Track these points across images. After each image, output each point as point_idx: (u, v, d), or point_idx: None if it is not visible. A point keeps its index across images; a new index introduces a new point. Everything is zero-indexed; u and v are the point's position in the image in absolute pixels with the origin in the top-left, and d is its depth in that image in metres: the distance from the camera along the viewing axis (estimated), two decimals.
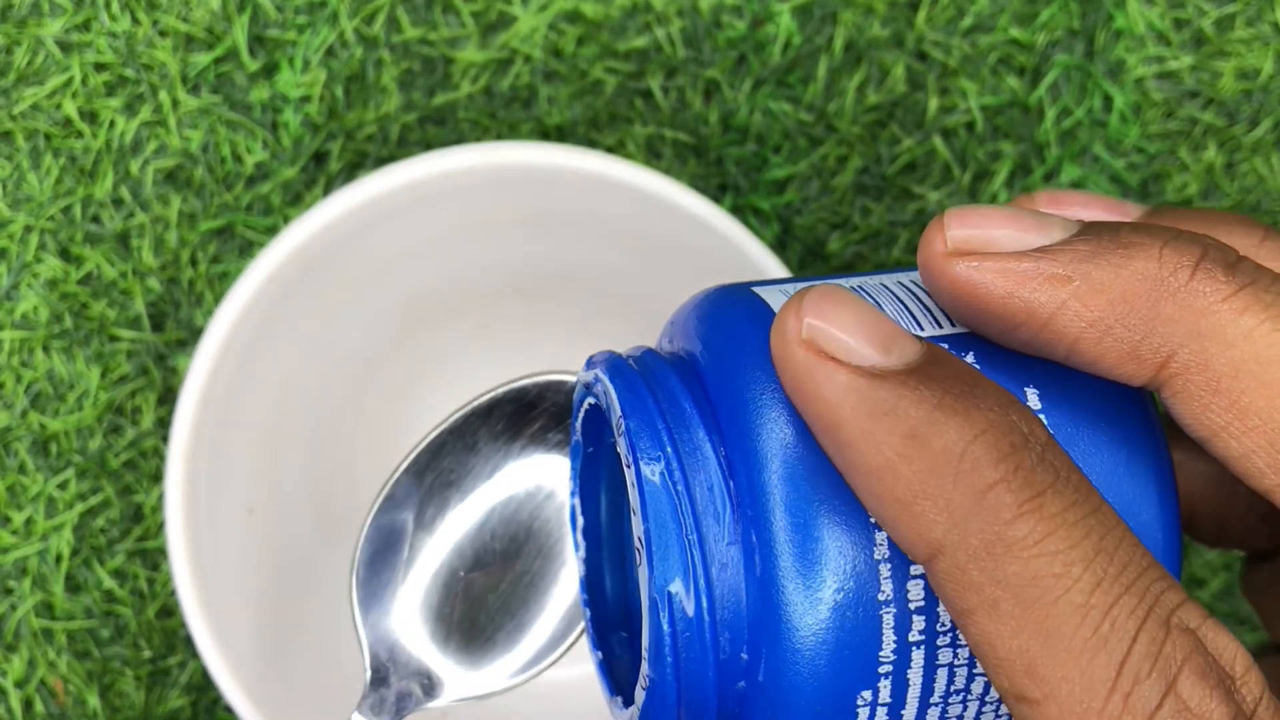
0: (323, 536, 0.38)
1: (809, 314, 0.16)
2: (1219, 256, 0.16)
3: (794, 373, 0.16)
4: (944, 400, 0.15)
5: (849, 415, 0.15)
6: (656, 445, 0.18)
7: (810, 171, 0.40)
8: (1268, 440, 0.16)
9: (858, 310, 0.16)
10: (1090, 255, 0.16)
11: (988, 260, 0.16)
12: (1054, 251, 0.16)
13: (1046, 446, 0.15)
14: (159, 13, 0.40)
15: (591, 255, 0.37)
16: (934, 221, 0.17)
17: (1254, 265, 0.16)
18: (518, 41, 0.39)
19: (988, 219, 0.17)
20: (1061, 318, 0.16)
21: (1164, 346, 0.16)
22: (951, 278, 0.17)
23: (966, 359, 0.17)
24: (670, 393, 0.18)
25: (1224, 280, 0.16)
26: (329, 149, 0.40)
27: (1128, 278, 0.16)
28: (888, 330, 0.16)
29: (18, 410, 0.39)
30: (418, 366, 0.40)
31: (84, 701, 0.39)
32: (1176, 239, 0.16)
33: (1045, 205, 0.19)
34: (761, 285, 0.19)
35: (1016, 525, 0.15)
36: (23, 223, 0.39)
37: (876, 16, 0.40)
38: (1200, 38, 0.40)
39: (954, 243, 0.17)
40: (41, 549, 0.39)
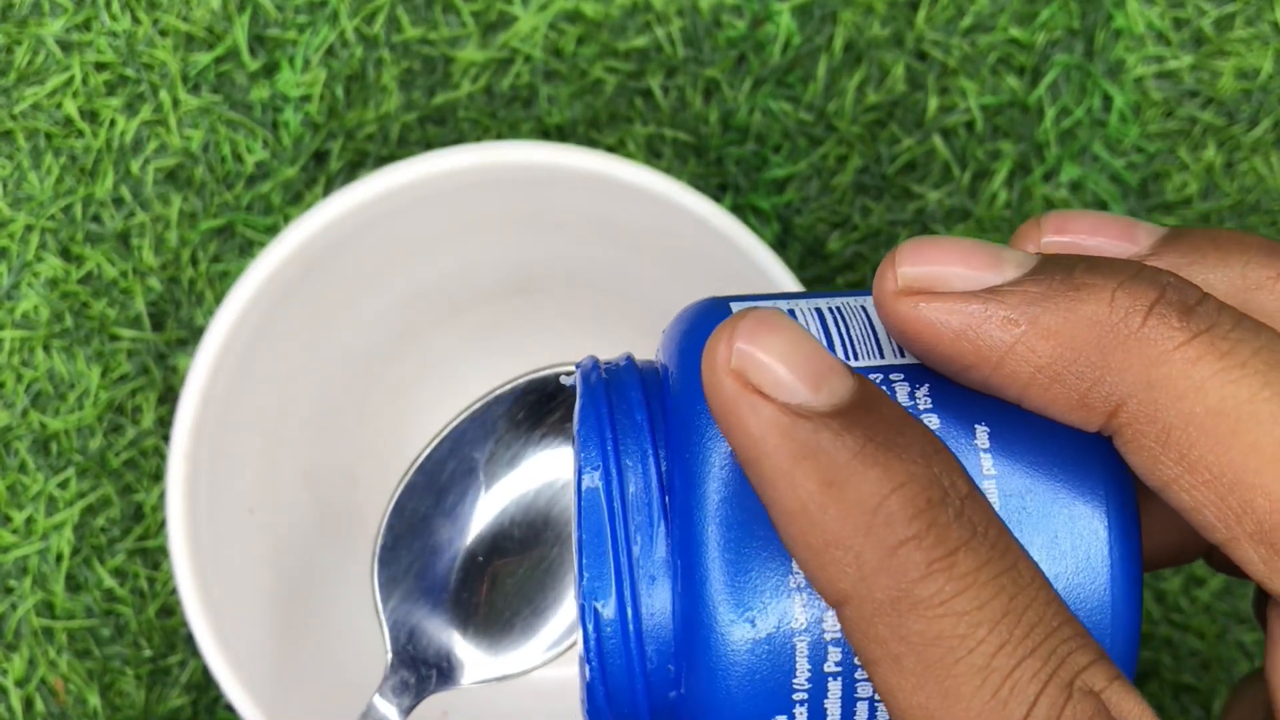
0: (324, 536, 0.38)
1: (741, 340, 0.15)
2: (1176, 299, 0.15)
3: (720, 402, 0.15)
4: (865, 448, 0.15)
5: (770, 453, 0.15)
6: (600, 455, 0.18)
7: (810, 171, 0.40)
8: (1218, 495, 0.15)
9: (793, 340, 0.15)
10: (1040, 297, 0.15)
11: (936, 300, 0.16)
12: (1004, 293, 0.16)
13: (967, 500, 0.15)
14: (159, 12, 0.40)
15: (592, 255, 0.37)
16: (887, 256, 0.16)
17: (1216, 306, 0.15)
18: (518, 41, 0.40)
19: (939, 255, 0.16)
20: (1010, 362, 0.16)
21: (1113, 395, 0.15)
22: (901, 317, 0.16)
23: (921, 391, 0.17)
24: (628, 403, 0.18)
25: (1178, 326, 0.15)
26: (329, 148, 0.40)
27: (1077, 322, 0.15)
28: (821, 365, 0.15)
29: (18, 409, 0.39)
30: (418, 366, 0.40)
31: (84, 700, 0.39)
32: (1134, 279, 0.15)
33: (1052, 229, 0.18)
34: (745, 300, 0.19)
35: (924, 584, 0.14)
36: (23, 222, 0.40)
37: (876, 16, 0.40)
38: (1200, 37, 0.40)
39: (904, 280, 0.16)
40: (42, 548, 0.39)
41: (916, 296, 0.16)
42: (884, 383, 0.17)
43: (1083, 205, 0.40)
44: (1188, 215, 0.40)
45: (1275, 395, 0.15)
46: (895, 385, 0.17)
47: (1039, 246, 0.18)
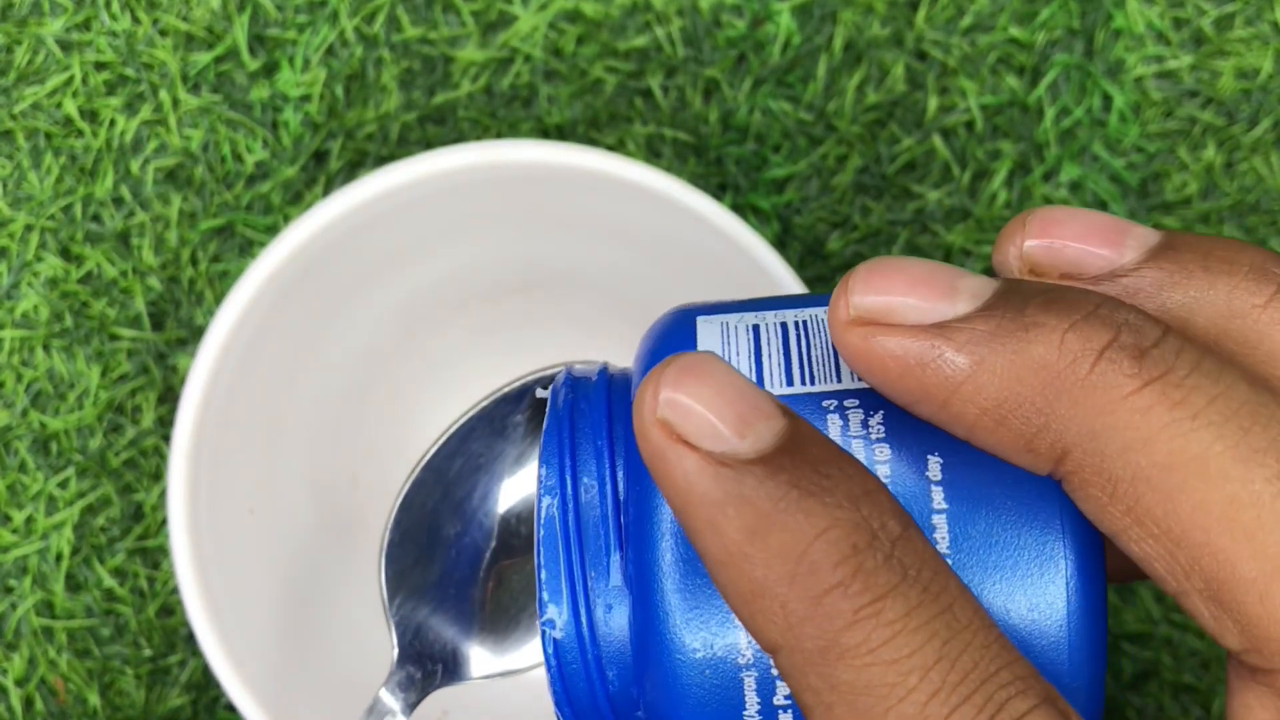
0: (324, 535, 0.38)
1: (666, 389, 0.15)
2: (1131, 342, 0.14)
3: (648, 453, 0.15)
4: (789, 495, 0.14)
5: (696, 504, 0.15)
6: (558, 481, 0.18)
7: (810, 171, 0.40)
8: (1166, 550, 0.15)
9: (719, 387, 0.15)
10: (988, 337, 0.15)
11: (885, 334, 0.15)
12: (953, 330, 0.15)
13: (899, 542, 0.14)
14: (159, 12, 0.40)
15: (592, 254, 0.37)
16: (842, 281, 0.16)
17: (1174, 349, 0.15)
18: (518, 41, 0.40)
19: (892, 283, 0.15)
20: (955, 402, 0.15)
21: (1059, 443, 0.15)
22: (851, 348, 0.16)
23: (874, 419, 0.17)
24: (593, 424, 0.18)
25: (1129, 373, 0.14)
26: (329, 148, 0.40)
27: (1024, 366, 0.15)
28: (749, 409, 0.15)
29: (18, 409, 0.39)
30: (419, 365, 0.40)
31: (84, 700, 0.39)
32: (1087, 320, 0.15)
33: (1037, 230, 0.17)
34: (713, 313, 0.19)
35: (851, 632, 0.14)
36: (23, 222, 0.40)
37: (876, 16, 0.40)
38: (1200, 37, 0.40)
39: (855, 310, 0.15)
40: (42, 548, 0.39)
41: (867, 327, 0.15)
42: (837, 409, 0.17)
43: (1083, 206, 0.40)
44: (1188, 215, 0.40)
45: (1227, 449, 0.14)
46: (849, 412, 0.17)
47: (1019, 250, 0.17)
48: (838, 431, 0.17)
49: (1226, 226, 0.40)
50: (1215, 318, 0.16)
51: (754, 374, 0.17)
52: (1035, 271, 0.17)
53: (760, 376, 0.17)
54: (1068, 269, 0.17)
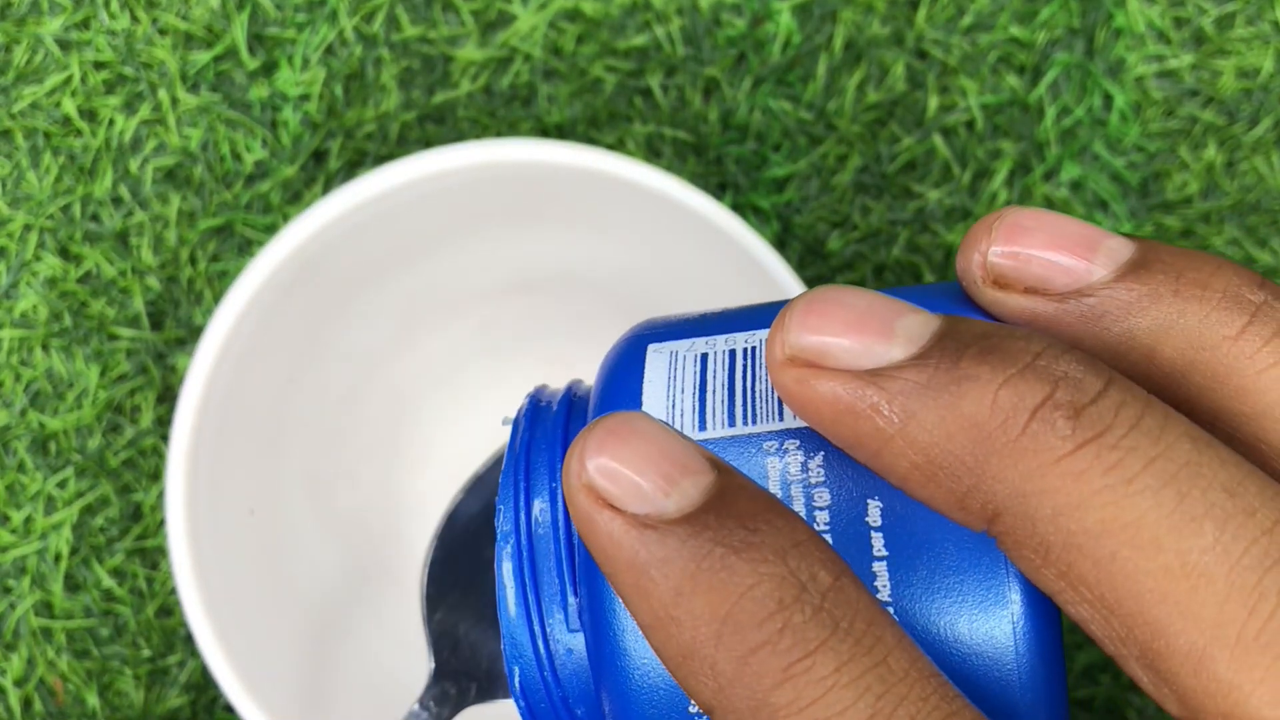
0: (324, 535, 0.38)
1: (592, 454, 0.15)
2: (1067, 399, 0.14)
3: (576, 518, 0.15)
4: (713, 553, 0.14)
5: (623, 569, 0.15)
6: (514, 524, 0.18)
7: (810, 170, 0.40)
8: (1102, 616, 0.14)
9: (644, 445, 0.15)
10: (920, 389, 0.14)
11: (819, 377, 0.15)
12: (885, 379, 0.14)
13: (829, 594, 0.14)
14: (158, 11, 0.40)
15: (592, 253, 0.37)
16: (780, 315, 0.15)
17: (1114, 404, 0.14)
18: (517, 40, 0.39)
19: (827, 321, 0.15)
20: (887, 454, 0.15)
21: (990, 504, 0.14)
22: (784, 390, 0.15)
23: (815, 461, 0.16)
24: (549, 463, 0.18)
25: (1063, 434, 0.14)
26: (328, 147, 0.40)
27: (954, 423, 0.14)
28: (674, 467, 0.15)
29: (17, 409, 0.39)
30: (418, 365, 0.40)
31: (83, 700, 0.39)
32: (1023, 374, 0.14)
33: (1004, 237, 0.16)
34: (665, 338, 0.18)
35: (781, 691, 0.14)
36: (22, 221, 0.39)
37: (876, 15, 0.40)
38: (1200, 36, 0.40)
39: (790, 349, 0.15)
40: (41, 548, 0.39)
41: (802, 369, 0.15)
42: (778, 451, 0.16)
43: (1084, 205, 0.40)
44: (1189, 214, 0.40)
45: (1162, 517, 0.13)
46: (789, 454, 0.16)
47: (984, 259, 0.16)
48: (777, 475, 0.16)
49: (1227, 226, 0.40)
50: (1184, 347, 0.15)
51: (697, 414, 0.17)
52: (999, 283, 0.16)
53: (703, 416, 0.17)
54: (1033, 283, 0.16)
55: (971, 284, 0.16)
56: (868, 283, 0.40)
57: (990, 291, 0.16)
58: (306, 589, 0.37)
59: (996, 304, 0.16)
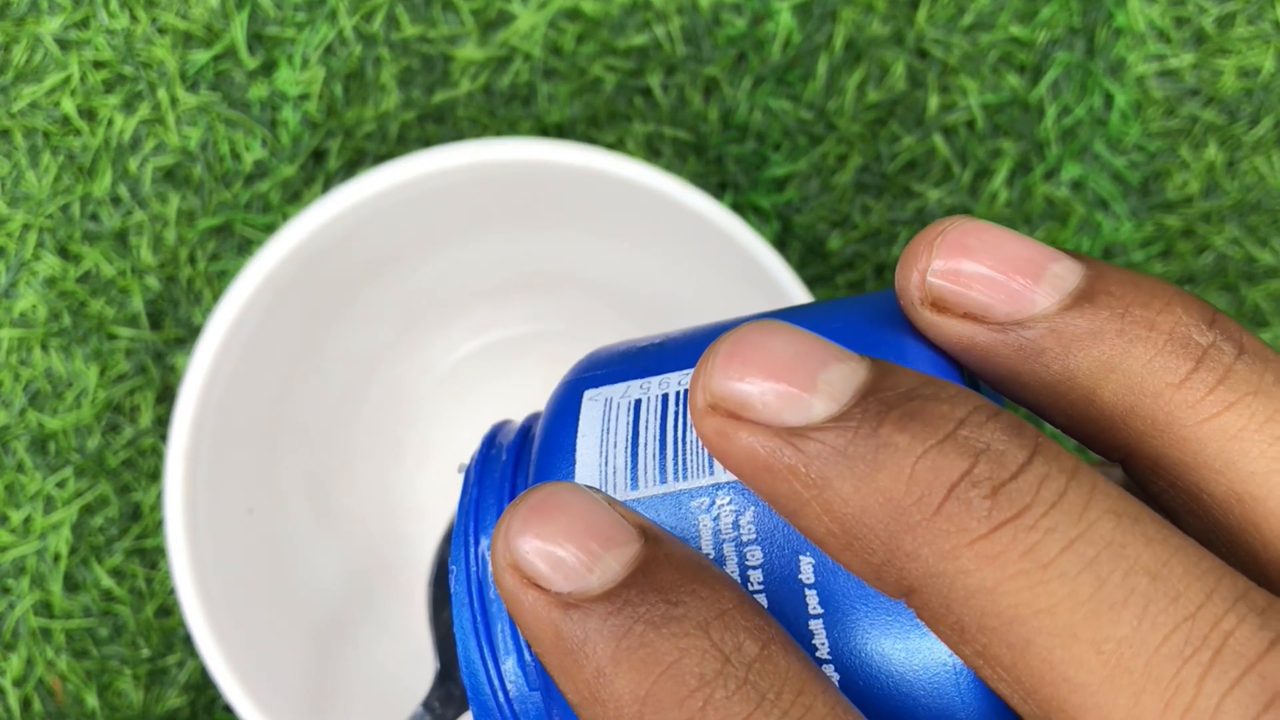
0: (323, 536, 0.38)
1: (516, 532, 0.15)
2: (986, 475, 0.13)
3: (503, 596, 0.15)
4: (632, 631, 0.14)
5: (549, 649, 0.14)
6: (465, 587, 0.17)
7: (810, 169, 0.40)
8: (1019, 697, 0.14)
9: (568, 521, 0.14)
10: (837, 455, 0.14)
11: (739, 430, 0.14)
12: (804, 440, 0.14)
13: (754, 664, 0.14)
14: (157, 10, 0.40)
15: (591, 252, 0.37)
16: (704, 356, 0.15)
17: (1036, 479, 0.13)
18: (517, 39, 0.39)
19: (750, 368, 0.14)
20: (803, 517, 0.14)
21: (904, 579, 0.14)
22: (706, 440, 0.14)
23: (746, 517, 0.16)
24: (497, 499, 0.18)
25: (980, 515, 0.13)
26: (328, 147, 0.40)
27: (869, 495, 0.13)
28: (597, 541, 0.14)
29: (16, 409, 0.39)
30: (417, 364, 0.40)
31: (82, 700, 0.39)
32: (944, 443, 0.13)
33: (946, 252, 0.15)
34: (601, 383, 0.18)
35: None
36: (21, 221, 0.39)
37: (877, 14, 0.40)
38: (1201, 36, 0.40)
39: (710, 396, 0.14)
40: (40, 548, 0.39)
41: (722, 418, 0.14)
42: (709, 508, 0.16)
43: (1085, 204, 0.40)
44: (1189, 214, 0.40)
45: (1078, 605, 0.13)
46: (720, 510, 0.16)
47: (923, 278, 0.15)
48: (709, 534, 0.16)
49: (1228, 225, 0.40)
50: (1124, 391, 0.15)
51: (629, 471, 0.16)
52: (936, 305, 0.15)
53: (635, 474, 0.16)
54: (972, 309, 0.15)
55: (909, 304, 0.16)
56: (868, 283, 0.40)
57: (927, 314, 0.16)
58: (306, 588, 0.37)
59: (932, 328, 0.16)
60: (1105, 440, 0.15)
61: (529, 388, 0.40)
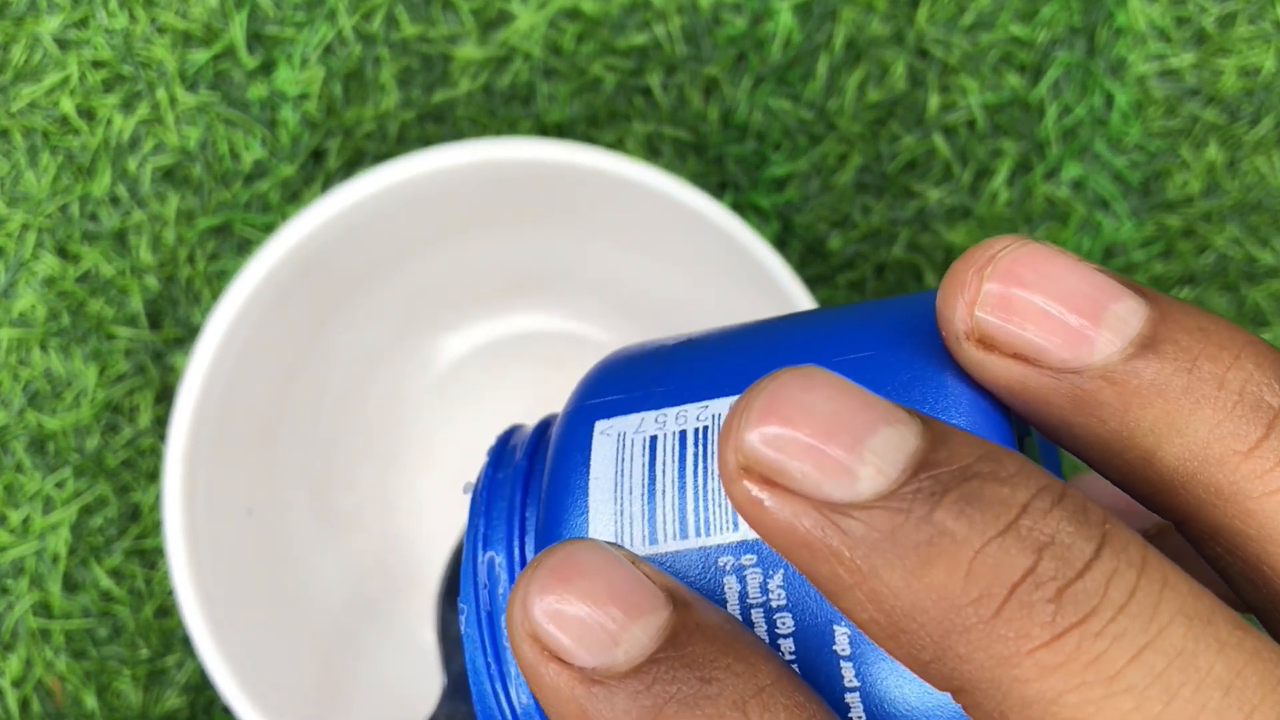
0: (322, 536, 0.38)
1: (535, 599, 0.14)
2: (1051, 574, 0.12)
3: (522, 667, 0.14)
4: (664, 711, 0.13)
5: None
6: (476, 627, 0.17)
7: (810, 169, 0.40)
8: None
9: (591, 586, 0.14)
10: (885, 542, 0.12)
11: (774, 498, 0.13)
12: (847, 519, 0.13)
13: None
14: (157, 10, 0.39)
15: (591, 252, 0.37)
16: (738, 404, 0.13)
17: (1105, 576, 0.12)
18: (517, 39, 0.39)
19: (789, 430, 0.13)
20: (844, 600, 0.13)
21: (954, 678, 0.13)
22: (738, 503, 0.13)
23: (774, 581, 0.15)
24: (507, 534, 0.17)
25: (1045, 620, 0.12)
26: (327, 146, 0.39)
27: (920, 591, 0.12)
28: (624, 609, 0.14)
29: (15, 408, 0.39)
30: (416, 364, 0.40)
31: (81, 701, 0.39)
32: (1006, 535, 0.12)
33: (999, 281, 0.14)
34: (613, 414, 0.17)
35: None
36: (20, 220, 0.39)
37: (877, 14, 0.39)
38: (1202, 35, 0.40)
39: (744, 456, 0.13)
40: (39, 548, 0.39)
41: (757, 483, 0.13)
42: (734, 569, 0.15)
43: (1085, 204, 0.40)
44: (1190, 213, 0.40)
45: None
46: (746, 572, 0.15)
47: (969, 312, 0.14)
48: (735, 598, 0.15)
49: (1229, 225, 0.40)
50: (1186, 456, 0.14)
51: (647, 522, 0.15)
52: (984, 343, 0.14)
53: (653, 527, 0.15)
54: (1023, 351, 0.14)
55: (952, 337, 0.15)
56: (868, 283, 0.40)
57: (972, 351, 0.14)
58: (305, 589, 0.37)
59: (977, 366, 0.14)
60: (1161, 502, 0.14)
61: (529, 388, 0.40)
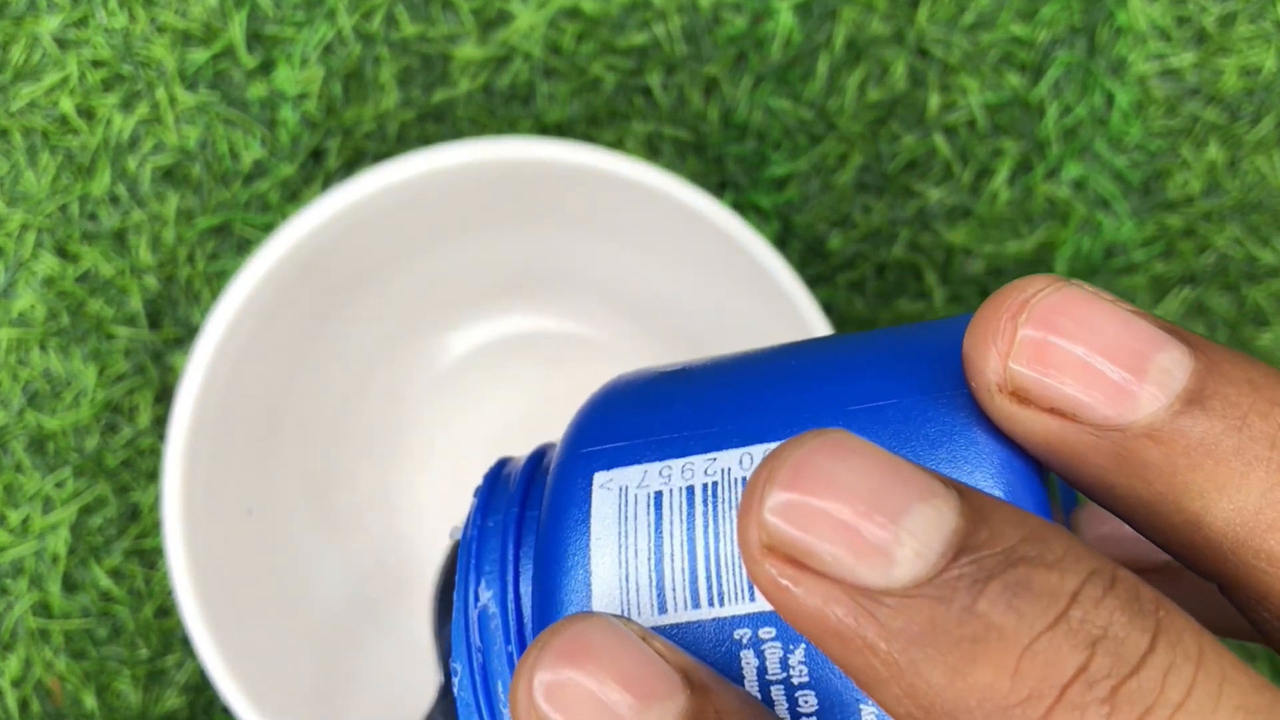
0: (321, 536, 0.38)
1: (544, 679, 0.13)
2: (1105, 671, 0.11)
3: None
4: None
5: None
6: (467, 658, 0.16)
7: (810, 169, 0.40)
8: None
9: (601, 670, 0.13)
10: (925, 635, 0.11)
11: (800, 583, 0.12)
12: (883, 609, 0.12)
13: None
14: (156, 9, 0.39)
15: (591, 252, 0.37)
16: (758, 473, 0.12)
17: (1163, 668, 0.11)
18: (517, 38, 0.39)
19: (819, 501, 0.12)
20: (882, 693, 0.12)
21: None
22: (758, 583, 0.12)
23: (795, 656, 0.14)
24: (501, 590, 0.16)
25: (1099, 715, 0.11)
26: (327, 146, 0.39)
27: (964, 691, 0.11)
28: (640, 694, 0.13)
29: (14, 408, 0.39)
30: (416, 364, 0.40)
31: (81, 701, 0.39)
32: (1056, 628, 0.11)
33: (1035, 328, 0.13)
34: (612, 466, 0.16)
35: None
36: (20, 220, 0.39)
37: (877, 13, 0.39)
38: (1202, 35, 0.40)
39: (768, 535, 0.12)
40: (38, 548, 0.39)
41: (781, 563, 0.12)
42: (752, 641, 0.14)
43: (1086, 204, 0.40)
44: (1190, 213, 0.40)
45: None
46: (765, 646, 0.14)
47: (1003, 365, 0.13)
48: (753, 673, 0.14)
49: (1229, 225, 0.40)
50: (1238, 521, 0.13)
51: (655, 590, 0.15)
52: (1018, 396, 0.13)
53: (662, 595, 0.15)
54: (1062, 407, 0.13)
55: (983, 389, 0.14)
56: (868, 283, 0.40)
57: (1005, 404, 0.13)
58: (304, 589, 0.37)
59: (1010, 421, 0.13)
60: (1208, 567, 0.13)
61: (528, 388, 0.40)
